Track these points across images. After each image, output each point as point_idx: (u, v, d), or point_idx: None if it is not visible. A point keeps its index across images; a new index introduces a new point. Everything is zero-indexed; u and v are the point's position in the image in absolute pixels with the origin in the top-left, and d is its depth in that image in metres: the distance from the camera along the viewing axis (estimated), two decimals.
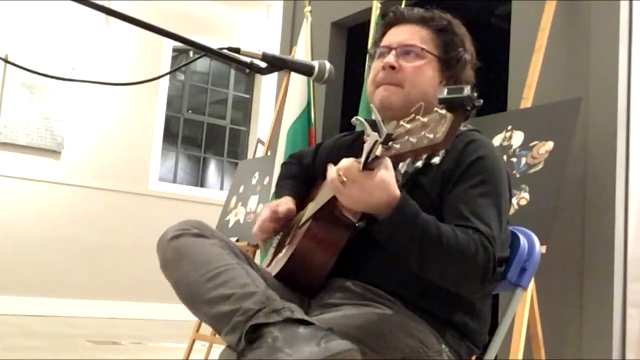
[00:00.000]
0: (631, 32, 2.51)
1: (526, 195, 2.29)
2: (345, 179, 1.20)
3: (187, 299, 1.35)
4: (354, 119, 1.27)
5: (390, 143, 1.06)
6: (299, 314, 1.21)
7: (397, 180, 1.41)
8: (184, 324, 4.44)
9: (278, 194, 1.72)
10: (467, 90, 0.98)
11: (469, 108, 0.98)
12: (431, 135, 0.98)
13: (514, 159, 2.41)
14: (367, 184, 1.19)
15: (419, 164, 1.02)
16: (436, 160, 1.00)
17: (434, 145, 0.99)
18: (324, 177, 1.58)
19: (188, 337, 3.60)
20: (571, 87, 2.60)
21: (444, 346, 1.39)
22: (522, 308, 2.11)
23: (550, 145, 2.31)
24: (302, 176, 1.75)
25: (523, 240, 1.50)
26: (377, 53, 1.56)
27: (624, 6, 2.51)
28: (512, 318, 1.53)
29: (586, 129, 2.50)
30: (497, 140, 2.50)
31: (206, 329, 3.58)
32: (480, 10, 3.77)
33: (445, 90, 0.99)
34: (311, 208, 1.51)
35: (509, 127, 2.49)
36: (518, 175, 2.35)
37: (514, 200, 2.31)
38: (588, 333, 2.41)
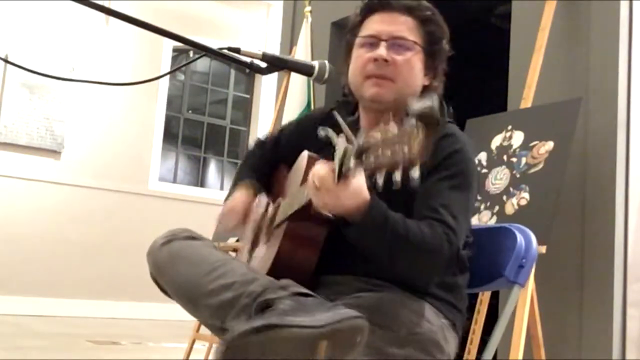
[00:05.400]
0: (631, 32, 2.51)
1: (526, 195, 2.29)
2: (319, 185, 1.22)
3: (186, 296, 1.37)
4: (320, 130, 1.25)
5: (362, 156, 1.07)
6: (303, 289, 1.24)
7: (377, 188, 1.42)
8: (184, 324, 4.43)
9: (232, 187, 1.72)
10: (436, 101, 1.00)
11: (439, 119, 1.00)
12: (406, 149, 1.00)
13: (514, 159, 2.41)
14: (340, 194, 1.22)
15: (397, 176, 1.03)
16: (415, 174, 1.01)
17: (411, 160, 1.01)
18: (291, 163, 1.60)
19: (188, 337, 3.60)
20: (571, 87, 2.60)
21: (443, 320, 1.43)
22: (522, 308, 2.11)
23: (550, 145, 2.31)
24: (260, 166, 1.75)
25: (520, 237, 1.51)
26: (363, 41, 1.53)
27: (624, 6, 2.51)
28: (512, 317, 1.54)
29: (586, 129, 2.49)
30: (497, 140, 2.51)
31: (206, 329, 3.57)
32: (480, 10, 3.77)
33: (415, 102, 1.00)
34: (286, 206, 1.51)
35: (509, 127, 2.49)
36: (518, 175, 2.35)
37: (514, 200, 2.31)
38: (588, 333, 2.41)
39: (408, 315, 1.36)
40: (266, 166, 1.74)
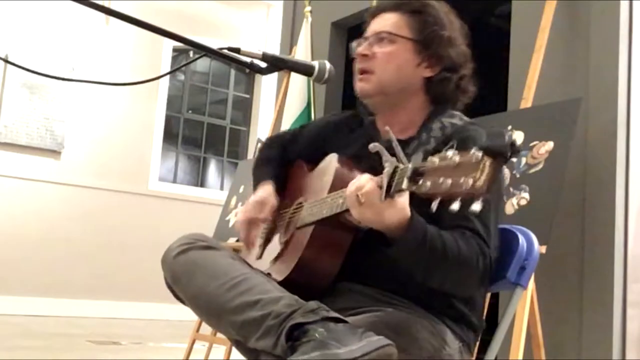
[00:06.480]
0: (631, 32, 2.51)
1: (526, 195, 2.29)
2: (363, 201, 1.21)
3: (207, 310, 1.35)
4: (371, 145, 1.25)
5: (419, 180, 1.05)
6: (333, 312, 1.23)
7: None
8: (184, 324, 4.44)
9: (257, 179, 1.72)
10: (508, 136, 0.98)
11: (509, 156, 0.98)
12: (470, 181, 0.97)
13: (514, 159, 2.40)
14: (385, 212, 1.21)
15: (455, 206, 1.00)
16: (477, 207, 0.99)
17: (474, 193, 0.98)
18: (314, 162, 1.61)
19: (188, 337, 3.60)
20: (571, 87, 2.60)
21: (458, 342, 1.42)
22: (522, 308, 2.11)
23: (550, 145, 2.31)
24: (280, 160, 1.76)
25: (522, 239, 1.51)
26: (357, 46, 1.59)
27: (624, 6, 2.51)
28: (512, 317, 1.53)
29: (586, 129, 2.49)
30: None
31: (206, 329, 3.58)
32: (480, 10, 3.77)
33: (485, 136, 0.97)
34: (311, 209, 1.49)
35: (509, 127, 2.49)
36: (518, 175, 2.35)
37: (514, 200, 2.31)
38: (588, 333, 2.41)
39: (429, 339, 1.35)
40: (283, 162, 1.76)
